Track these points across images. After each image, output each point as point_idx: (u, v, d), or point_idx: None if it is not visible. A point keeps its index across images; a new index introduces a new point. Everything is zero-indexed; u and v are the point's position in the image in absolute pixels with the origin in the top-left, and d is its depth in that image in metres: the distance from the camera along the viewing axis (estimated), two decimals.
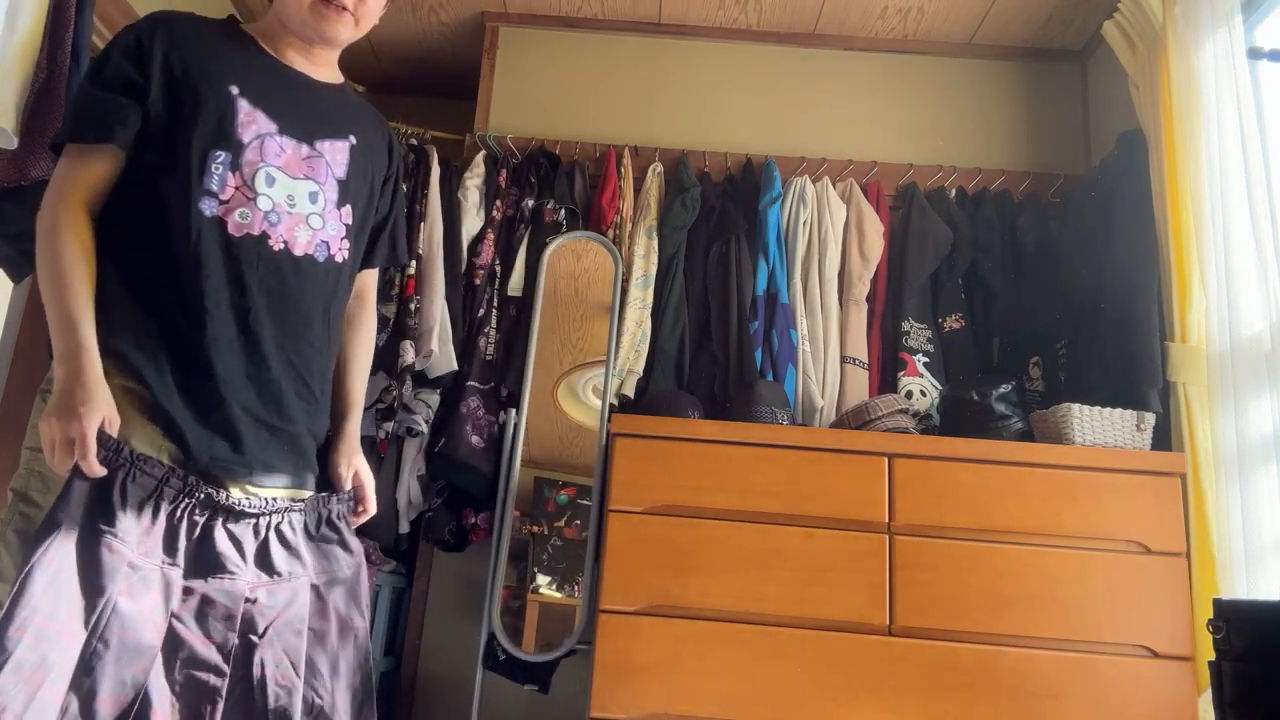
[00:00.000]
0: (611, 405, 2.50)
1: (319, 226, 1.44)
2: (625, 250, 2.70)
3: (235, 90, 1.40)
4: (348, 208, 1.49)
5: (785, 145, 2.95)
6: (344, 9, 1.45)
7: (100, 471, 1.18)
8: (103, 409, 1.20)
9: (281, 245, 1.39)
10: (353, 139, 1.51)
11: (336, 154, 1.48)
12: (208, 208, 1.34)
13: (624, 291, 2.62)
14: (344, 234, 1.48)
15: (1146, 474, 2.08)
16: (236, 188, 1.36)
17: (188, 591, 1.22)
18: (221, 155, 1.36)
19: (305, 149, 1.44)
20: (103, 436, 1.18)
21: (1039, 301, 2.61)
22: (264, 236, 1.37)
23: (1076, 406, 2.16)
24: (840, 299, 2.70)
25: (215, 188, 1.35)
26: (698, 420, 2.30)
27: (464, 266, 2.68)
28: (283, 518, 1.35)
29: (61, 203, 1.30)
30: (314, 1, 1.44)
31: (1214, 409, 2.04)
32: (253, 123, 1.39)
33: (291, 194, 1.41)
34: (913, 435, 2.22)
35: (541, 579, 2.42)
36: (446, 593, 2.67)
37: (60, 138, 1.36)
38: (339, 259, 1.47)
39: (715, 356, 2.62)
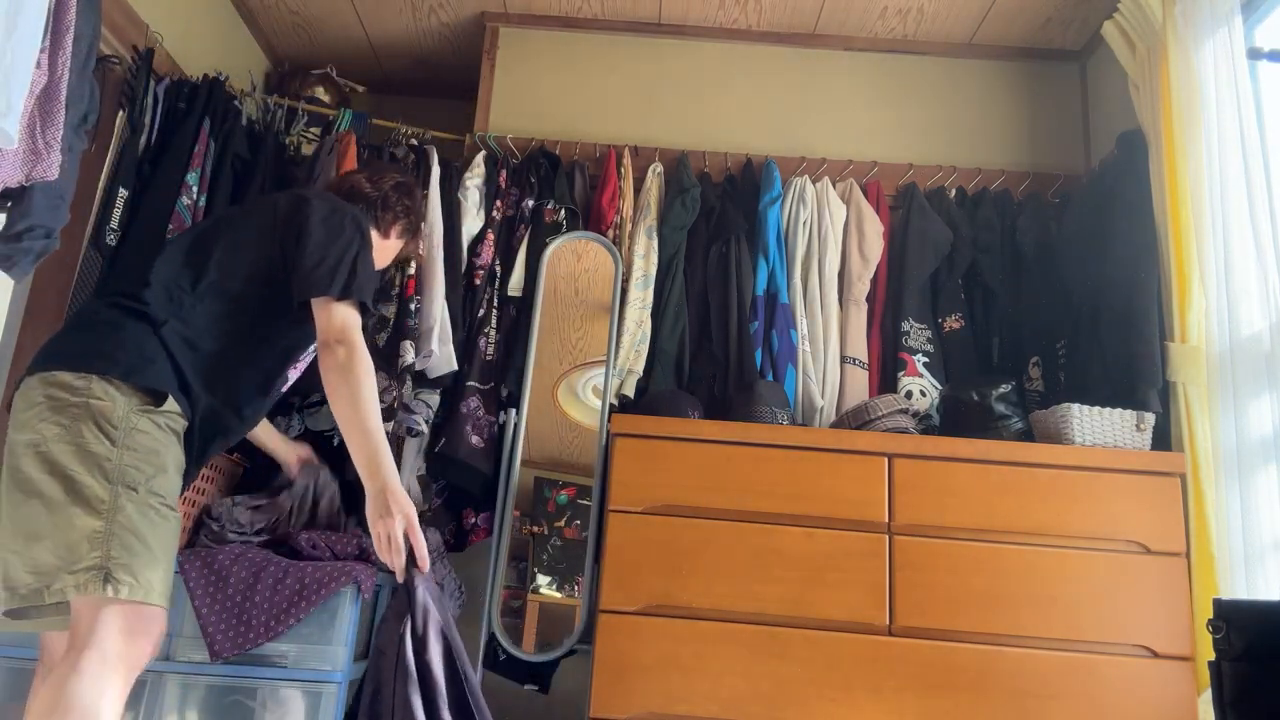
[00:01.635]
0: (611, 405, 2.50)
1: None
2: (625, 250, 2.70)
3: None
4: None
5: (785, 145, 2.95)
6: None
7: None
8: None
9: None
10: None
11: None
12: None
13: (624, 291, 2.62)
14: None
15: (1146, 474, 2.08)
16: None
17: None
18: None
19: None
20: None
21: (1039, 301, 2.61)
22: None
23: (1076, 406, 2.15)
24: (840, 299, 2.70)
25: None
26: (698, 420, 2.30)
27: (464, 267, 2.67)
28: None
29: (365, 348, 1.68)
30: None
31: (1214, 409, 2.04)
32: None
33: None
34: (913, 435, 2.22)
35: (541, 579, 2.42)
36: None
37: (356, 294, 1.69)
38: None
39: (715, 356, 2.62)
